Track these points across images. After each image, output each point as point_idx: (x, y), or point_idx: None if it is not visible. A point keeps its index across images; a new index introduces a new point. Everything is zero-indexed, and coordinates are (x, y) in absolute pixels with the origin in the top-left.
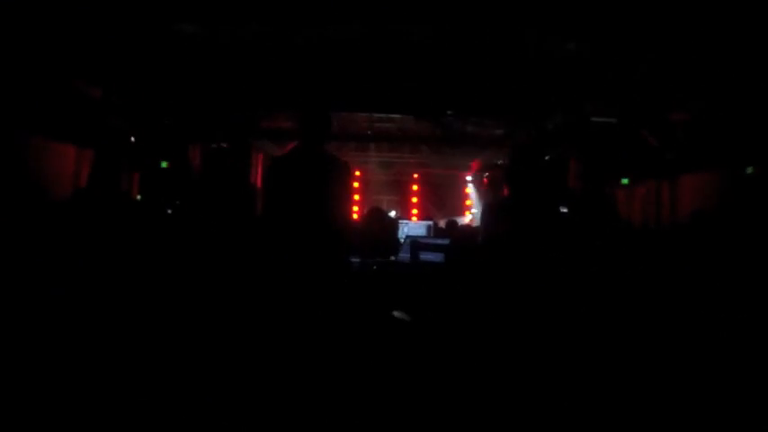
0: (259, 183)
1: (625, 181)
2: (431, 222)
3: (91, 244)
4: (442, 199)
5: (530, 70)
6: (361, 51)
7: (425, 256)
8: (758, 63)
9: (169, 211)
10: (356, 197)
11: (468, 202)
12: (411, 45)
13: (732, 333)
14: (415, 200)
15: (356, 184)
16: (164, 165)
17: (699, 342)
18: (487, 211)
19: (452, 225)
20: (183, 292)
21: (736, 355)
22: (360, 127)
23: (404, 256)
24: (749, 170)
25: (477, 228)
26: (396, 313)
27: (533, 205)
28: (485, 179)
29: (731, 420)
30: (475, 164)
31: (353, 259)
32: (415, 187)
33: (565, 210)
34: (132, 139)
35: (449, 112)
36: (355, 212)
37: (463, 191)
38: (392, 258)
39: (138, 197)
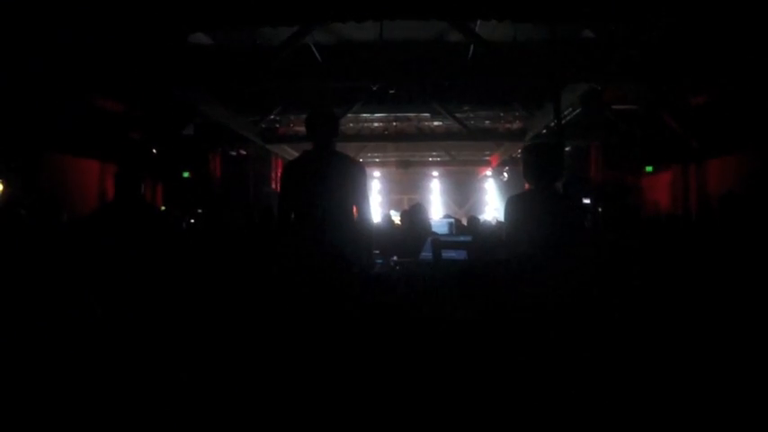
0: (277, 187)
1: (649, 168)
2: (452, 220)
3: (121, 255)
4: (463, 195)
5: (545, 59)
6: (374, 50)
7: (448, 255)
8: None
9: (192, 221)
10: (377, 198)
11: (488, 198)
12: (423, 41)
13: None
14: (435, 197)
15: (376, 185)
16: (186, 175)
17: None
18: (510, 206)
19: (474, 222)
20: (209, 299)
21: None
22: (377, 127)
23: (426, 254)
24: None
25: (499, 223)
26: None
27: (556, 198)
28: (504, 173)
29: None
30: (494, 158)
31: (377, 260)
32: (435, 185)
33: (588, 201)
34: (154, 150)
35: (465, 107)
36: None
37: (483, 186)
38: (417, 257)
39: (163, 208)
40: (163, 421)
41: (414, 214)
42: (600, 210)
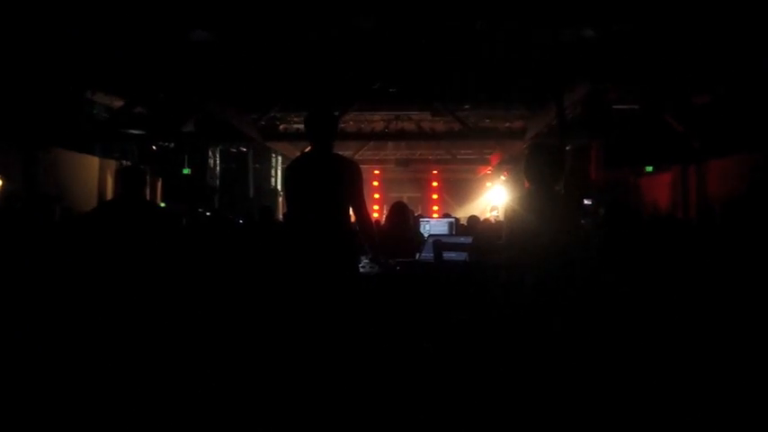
0: (279, 185)
1: (649, 169)
2: (453, 220)
3: (122, 251)
4: (463, 194)
5: (547, 59)
6: (374, 49)
7: (449, 256)
8: None
9: (192, 218)
10: (376, 196)
11: (488, 197)
12: (423, 39)
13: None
14: (435, 196)
15: (375, 183)
16: (186, 171)
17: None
18: (510, 207)
19: (474, 222)
20: (210, 295)
21: None
22: (377, 126)
23: (427, 255)
24: None
25: (498, 223)
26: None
27: (556, 199)
28: (505, 173)
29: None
30: (494, 157)
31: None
32: (434, 184)
33: (588, 202)
34: (154, 147)
35: (466, 106)
36: (375, 212)
37: (483, 185)
38: (416, 257)
39: (162, 204)
40: (162, 415)
41: (396, 214)
42: (600, 211)
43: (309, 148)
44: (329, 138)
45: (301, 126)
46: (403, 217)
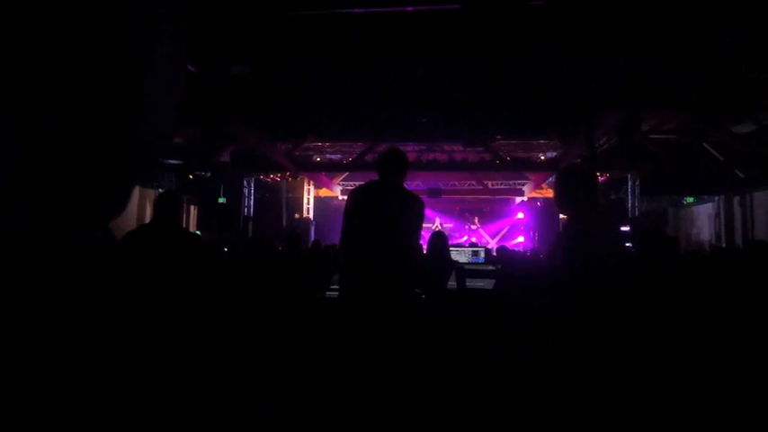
0: (309, 213)
1: (690, 200)
2: (483, 248)
3: (155, 275)
4: (496, 224)
5: (579, 88)
6: (408, 81)
7: (473, 284)
8: None
9: (225, 249)
10: None
11: (519, 226)
12: (456, 72)
13: None
14: (468, 226)
15: None
16: (221, 200)
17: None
18: (554, 242)
19: (503, 251)
20: (241, 324)
21: None
22: (409, 156)
23: (452, 284)
24: None
25: (526, 251)
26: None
27: (593, 228)
28: (538, 203)
29: None
30: (527, 188)
31: None
32: (467, 214)
33: (626, 228)
34: (190, 176)
35: (498, 137)
36: None
37: (515, 215)
38: (440, 286)
39: (198, 232)
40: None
41: (434, 243)
42: (639, 240)
43: (376, 178)
44: (398, 176)
45: (334, 156)
46: (442, 246)
